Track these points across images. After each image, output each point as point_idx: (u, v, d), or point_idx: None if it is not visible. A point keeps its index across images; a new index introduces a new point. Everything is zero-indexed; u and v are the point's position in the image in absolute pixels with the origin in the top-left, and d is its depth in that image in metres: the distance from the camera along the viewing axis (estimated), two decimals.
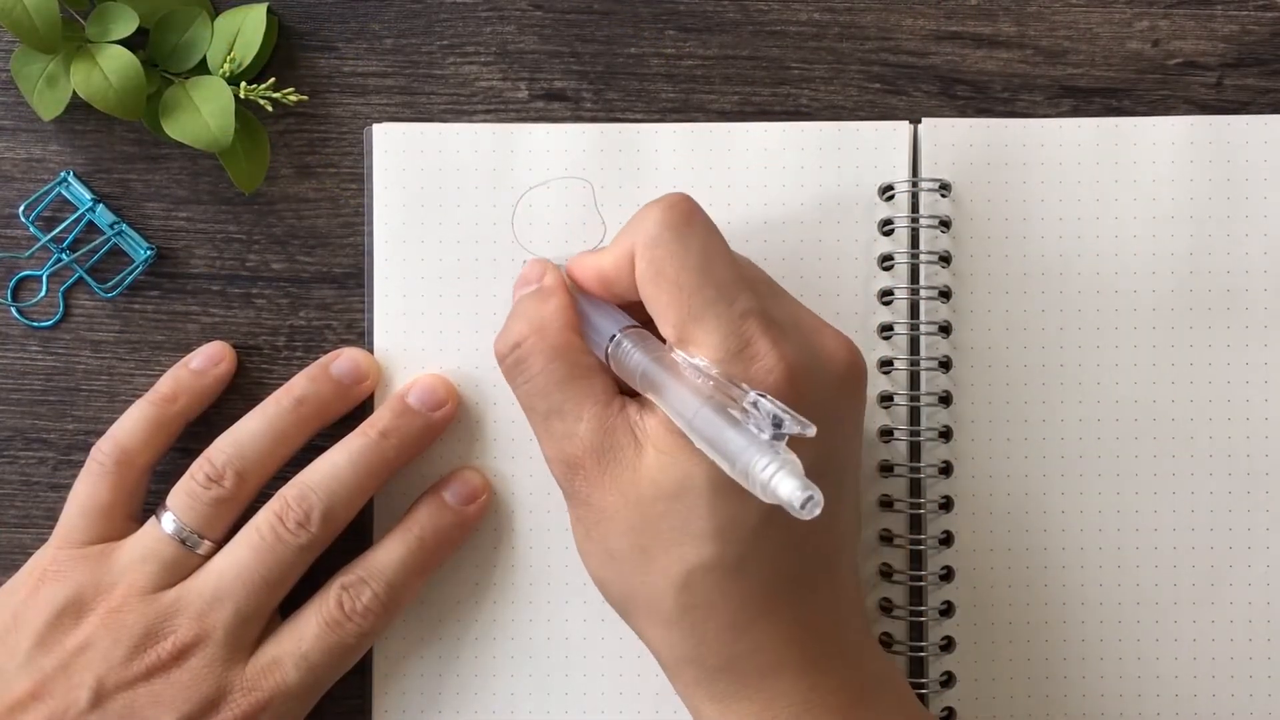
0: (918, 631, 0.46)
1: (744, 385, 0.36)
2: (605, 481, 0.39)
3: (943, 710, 0.45)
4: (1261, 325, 0.46)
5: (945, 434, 0.45)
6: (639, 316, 0.41)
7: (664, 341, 0.39)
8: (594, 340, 0.41)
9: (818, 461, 0.36)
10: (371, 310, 0.46)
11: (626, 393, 0.40)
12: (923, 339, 0.45)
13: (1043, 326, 0.46)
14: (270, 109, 0.45)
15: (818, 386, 0.38)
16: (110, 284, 0.46)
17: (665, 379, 0.37)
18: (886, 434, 0.45)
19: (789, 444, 0.34)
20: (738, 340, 0.37)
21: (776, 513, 0.37)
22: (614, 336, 0.40)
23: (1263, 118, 0.46)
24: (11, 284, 0.47)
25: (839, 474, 0.40)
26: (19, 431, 0.47)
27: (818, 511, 0.32)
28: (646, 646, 0.40)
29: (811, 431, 0.34)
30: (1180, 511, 0.46)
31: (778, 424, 0.34)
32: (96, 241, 0.46)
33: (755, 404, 0.34)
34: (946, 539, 0.45)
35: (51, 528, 0.44)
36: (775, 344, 0.37)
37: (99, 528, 0.43)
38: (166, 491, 0.44)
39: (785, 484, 0.32)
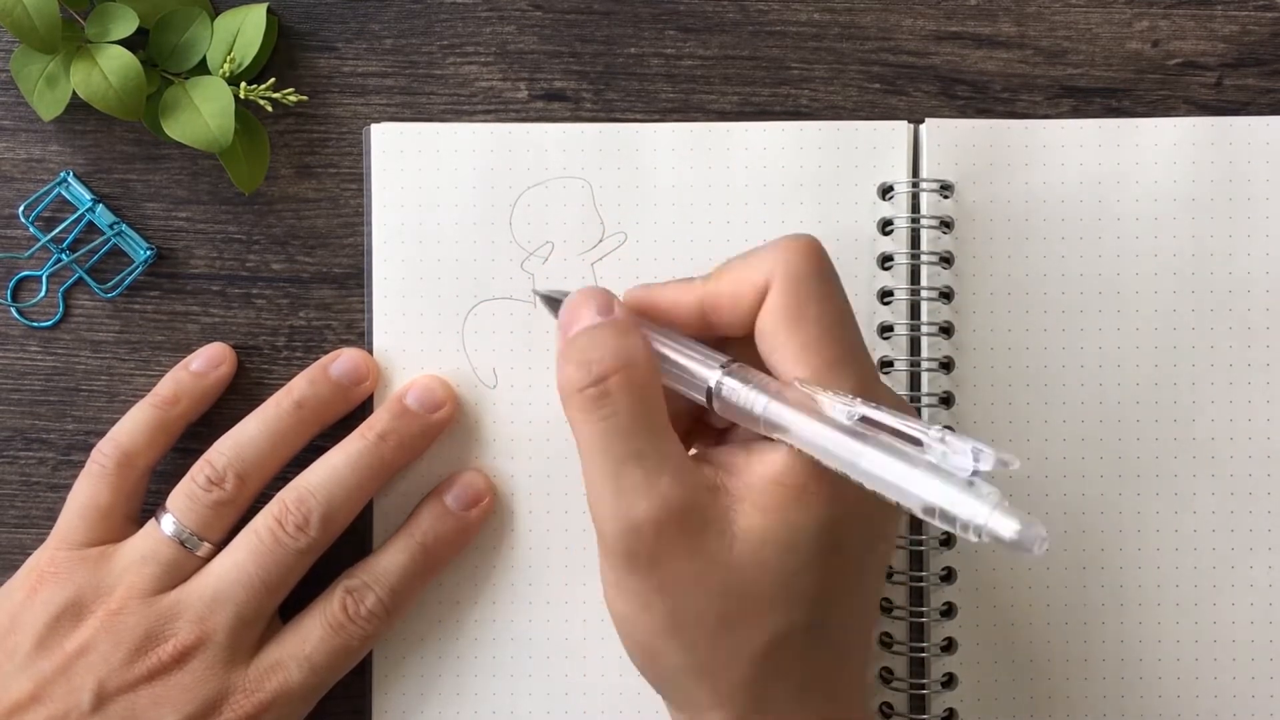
0: (919, 632, 0.45)
1: (926, 424, 0.33)
2: (686, 546, 0.35)
3: (944, 711, 0.45)
4: (1263, 326, 0.46)
5: None
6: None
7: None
8: (681, 379, 0.38)
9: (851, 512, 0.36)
10: (371, 310, 0.46)
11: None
12: (924, 340, 0.45)
13: (1044, 327, 0.46)
14: (270, 109, 0.45)
15: None
16: (110, 284, 0.46)
17: (808, 416, 0.34)
18: None
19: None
20: (875, 398, 0.35)
21: (868, 574, 0.37)
22: (725, 365, 0.37)
23: (1263, 118, 0.46)
24: (11, 284, 0.47)
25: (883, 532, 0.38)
26: (19, 431, 0.47)
27: (1046, 548, 0.30)
28: (675, 709, 0.38)
29: (1016, 464, 0.32)
30: (1182, 512, 0.45)
31: (976, 458, 0.31)
32: (96, 242, 0.46)
33: (944, 439, 0.32)
34: (947, 540, 0.45)
35: (51, 528, 0.44)
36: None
37: (98, 529, 0.43)
38: (166, 493, 0.44)
39: (1006, 523, 0.30)
